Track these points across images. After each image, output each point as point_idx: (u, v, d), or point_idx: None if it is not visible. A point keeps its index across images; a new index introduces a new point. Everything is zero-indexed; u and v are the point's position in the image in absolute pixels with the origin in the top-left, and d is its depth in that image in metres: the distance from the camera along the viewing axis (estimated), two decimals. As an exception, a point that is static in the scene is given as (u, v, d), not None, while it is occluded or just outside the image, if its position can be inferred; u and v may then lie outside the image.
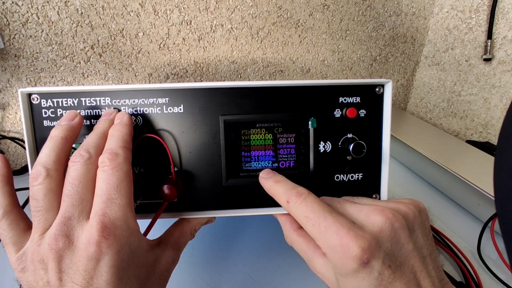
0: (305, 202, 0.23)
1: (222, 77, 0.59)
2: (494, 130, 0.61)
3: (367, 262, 0.20)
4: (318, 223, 0.22)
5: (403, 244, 0.21)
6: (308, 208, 0.23)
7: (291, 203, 0.24)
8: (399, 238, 0.21)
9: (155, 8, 0.49)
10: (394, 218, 0.22)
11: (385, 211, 0.22)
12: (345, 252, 0.20)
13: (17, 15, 0.43)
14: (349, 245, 0.20)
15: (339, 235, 0.21)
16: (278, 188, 0.25)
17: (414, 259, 0.21)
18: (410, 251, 0.21)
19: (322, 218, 0.22)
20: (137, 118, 0.28)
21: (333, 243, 0.21)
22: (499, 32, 0.57)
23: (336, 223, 0.21)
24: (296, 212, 0.24)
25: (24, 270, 0.21)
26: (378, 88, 0.29)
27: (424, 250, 0.22)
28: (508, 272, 0.37)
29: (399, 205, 0.24)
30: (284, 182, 0.26)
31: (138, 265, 0.22)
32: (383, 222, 0.21)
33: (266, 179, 0.27)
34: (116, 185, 0.21)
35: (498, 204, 0.19)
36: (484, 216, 0.42)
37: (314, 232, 0.22)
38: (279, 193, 0.25)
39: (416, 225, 0.23)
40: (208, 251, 0.38)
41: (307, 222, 0.23)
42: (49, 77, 0.48)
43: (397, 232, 0.21)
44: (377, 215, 0.22)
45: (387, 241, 0.21)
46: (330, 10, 0.60)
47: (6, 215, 0.22)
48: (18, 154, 0.53)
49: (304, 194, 0.24)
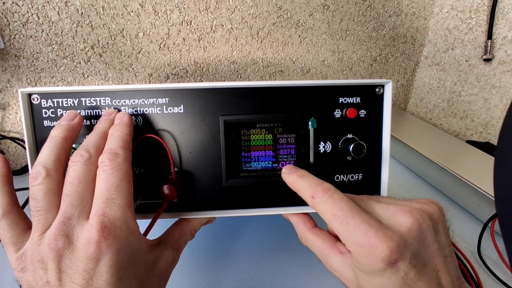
0: (331, 199, 0.23)
1: (222, 77, 0.59)
2: (494, 130, 0.61)
3: (394, 263, 0.20)
4: (346, 222, 0.22)
5: (429, 244, 0.22)
6: (336, 205, 0.22)
7: (317, 198, 0.23)
8: (425, 239, 0.22)
9: (155, 8, 0.49)
10: (422, 219, 0.22)
11: (413, 212, 0.22)
12: (373, 252, 0.20)
13: (17, 15, 0.43)
14: (378, 245, 0.20)
15: (367, 235, 0.21)
16: (302, 182, 0.25)
17: (438, 258, 0.22)
18: (434, 251, 0.22)
19: (351, 217, 0.22)
20: (137, 118, 0.28)
21: (361, 242, 0.21)
22: (499, 32, 0.57)
23: (364, 223, 0.21)
24: (322, 208, 0.23)
25: (23, 270, 0.21)
26: (378, 88, 0.29)
27: (446, 249, 0.22)
28: (508, 272, 0.37)
29: (423, 206, 0.23)
30: (309, 176, 0.25)
31: (138, 265, 0.22)
32: (412, 223, 0.21)
33: (289, 173, 0.26)
34: (116, 185, 0.21)
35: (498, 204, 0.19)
36: (484, 216, 0.42)
37: (341, 230, 0.22)
38: (303, 188, 0.25)
39: (440, 225, 0.23)
40: (208, 251, 0.38)
41: (334, 220, 0.22)
42: (49, 77, 0.48)
43: (424, 232, 0.21)
44: (405, 215, 0.22)
45: (414, 241, 0.21)
46: (330, 10, 0.60)
47: (6, 215, 0.22)
48: (18, 154, 0.53)
49: (330, 190, 0.23)
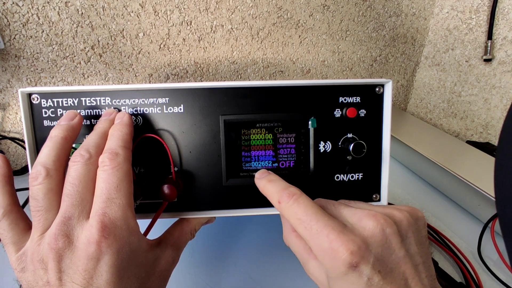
0: (297, 203, 0.23)
1: (222, 77, 0.59)
2: (494, 130, 0.61)
3: (356, 266, 0.20)
4: (310, 226, 0.22)
5: (394, 250, 0.21)
6: (300, 209, 0.22)
7: (283, 203, 0.23)
8: (390, 244, 0.21)
9: (155, 8, 0.49)
10: (386, 223, 0.22)
11: (377, 216, 0.22)
12: (334, 255, 0.20)
13: (17, 16, 0.43)
14: (339, 248, 0.20)
15: (329, 238, 0.21)
16: (270, 187, 0.25)
17: (406, 265, 0.21)
18: (401, 258, 0.21)
19: (314, 220, 0.22)
20: (137, 118, 0.28)
21: (323, 246, 0.21)
22: (499, 33, 0.57)
23: (327, 226, 0.21)
24: (287, 213, 0.23)
25: (24, 270, 0.21)
26: (378, 88, 0.29)
27: (417, 257, 0.22)
28: (508, 272, 0.37)
29: (394, 211, 0.23)
30: (277, 181, 0.25)
31: (138, 264, 0.22)
32: (374, 227, 0.21)
33: (260, 179, 0.26)
34: (116, 185, 0.21)
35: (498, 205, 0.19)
36: (485, 216, 0.42)
37: (305, 234, 0.22)
38: (271, 193, 0.25)
39: (410, 232, 0.22)
40: (208, 251, 0.38)
41: (299, 224, 0.22)
42: (49, 78, 0.48)
43: (388, 237, 0.21)
44: (369, 219, 0.22)
45: (377, 246, 0.21)
46: (330, 11, 0.60)
47: (6, 215, 0.22)
48: (18, 154, 0.53)
49: (296, 194, 0.23)
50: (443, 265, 0.36)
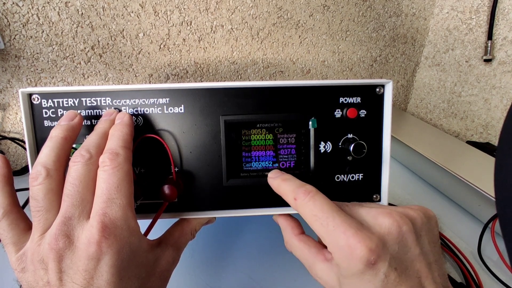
0: (313, 200, 0.23)
1: (223, 77, 0.59)
2: (494, 131, 0.61)
3: (373, 263, 0.20)
4: (327, 223, 0.22)
5: (410, 248, 0.21)
6: (317, 206, 0.23)
7: (299, 200, 0.23)
8: (406, 242, 0.21)
9: (155, 8, 0.49)
10: (402, 221, 0.22)
11: (393, 214, 0.22)
12: (352, 252, 0.20)
13: (17, 16, 0.43)
14: (356, 245, 0.20)
15: (346, 235, 0.21)
16: (285, 186, 0.25)
17: (420, 264, 0.21)
18: (416, 255, 0.21)
19: (331, 217, 0.22)
20: (138, 118, 0.28)
21: (340, 243, 0.21)
22: (499, 33, 0.57)
23: (344, 223, 0.21)
24: (304, 210, 0.23)
25: (24, 270, 0.21)
26: (378, 88, 0.29)
27: (430, 256, 0.22)
28: (508, 273, 0.37)
29: (407, 210, 0.24)
30: (292, 180, 0.26)
31: (139, 265, 0.22)
32: (391, 224, 0.21)
33: (274, 178, 0.27)
34: (116, 185, 0.21)
35: (498, 205, 0.19)
36: (485, 217, 0.42)
37: (322, 231, 0.22)
38: (286, 191, 0.25)
39: (423, 231, 0.23)
40: (208, 251, 0.38)
41: (315, 221, 0.22)
42: (50, 78, 0.48)
43: (404, 235, 0.21)
44: (385, 217, 0.22)
45: (394, 243, 0.21)
46: (330, 11, 0.60)
47: (6, 215, 0.22)
48: (18, 154, 0.53)
49: (312, 192, 0.23)
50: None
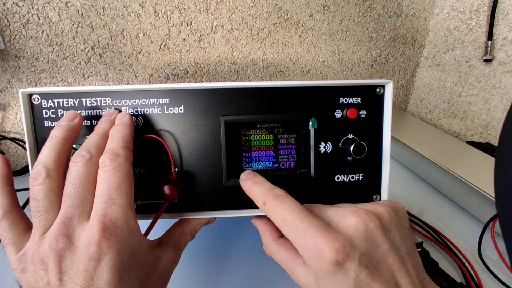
0: (281, 204, 0.23)
1: (223, 78, 0.59)
2: (494, 131, 0.61)
3: (342, 263, 0.20)
4: (295, 226, 0.22)
5: (379, 244, 0.21)
6: (285, 210, 0.23)
7: (268, 205, 0.23)
8: (375, 238, 0.21)
9: (155, 9, 0.49)
10: (368, 218, 0.22)
11: (359, 212, 0.22)
12: (320, 254, 0.20)
13: (17, 16, 0.43)
14: (324, 247, 0.20)
15: (314, 238, 0.21)
16: (256, 189, 0.25)
17: (392, 258, 0.21)
18: (386, 250, 0.21)
19: (299, 220, 0.22)
20: (138, 118, 0.28)
21: (309, 245, 0.21)
22: (500, 33, 0.57)
23: (312, 226, 0.21)
24: (273, 214, 0.23)
25: (24, 271, 0.21)
26: (378, 88, 0.29)
27: (402, 248, 0.22)
28: (508, 273, 0.37)
29: (375, 206, 0.24)
30: (262, 183, 0.25)
31: (139, 265, 0.22)
32: (357, 223, 0.21)
33: (246, 180, 0.26)
34: (116, 185, 0.21)
35: (498, 205, 0.19)
36: (485, 217, 0.42)
37: (291, 235, 0.22)
38: (256, 195, 0.25)
39: (392, 225, 0.23)
40: (208, 251, 0.38)
41: (284, 224, 0.22)
42: (50, 78, 0.48)
43: (371, 231, 0.21)
44: (351, 216, 0.22)
45: (362, 241, 0.21)
46: (330, 11, 0.60)
47: (6, 216, 0.22)
48: (18, 154, 0.53)
49: (281, 195, 0.23)
50: (443, 265, 0.36)
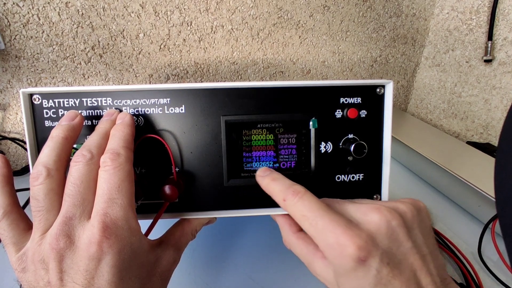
0: (301, 201, 0.23)
1: (223, 78, 0.59)
2: (494, 131, 0.62)
3: (364, 260, 0.20)
4: (316, 222, 0.22)
5: (402, 242, 0.21)
6: (305, 206, 0.23)
7: (288, 201, 0.23)
8: (397, 236, 0.21)
9: (155, 9, 0.49)
10: (391, 215, 0.22)
11: (382, 209, 0.22)
12: (342, 250, 0.20)
13: (18, 16, 0.43)
14: (346, 243, 0.20)
15: (335, 234, 0.21)
16: (275, 186, 0.25)
17: (414, 256, 0.21)
18: (409, 249, 0.21)
19: (319, 217, 0.22)
20: (139, 118, 0.28)
21: (330, 241, 0.21)
22: (500, 34, 0.57)
23: (332, 222, 0.21)
24: (293, 210, 0.23)
25: (24, 270, 0.21)
26: (379, 88, 0.29)
27: (424, 248, 0.22)
28: (508, 273, 0.37)
29: (397, 204, 0.23)
30: (281, 180, 0.25)
31: (139, 265, 0.22)
32: (379, 220, 0.21)
33: (263, 177, 0.26)
34: (117, 185, 0.21)
35: (498, 205, 0.19)
36: (485, 217, 0.42)
37: (311, 231, 0.22)
38: (276, 191, 0.25)
39: (415, 224, 0.23)
40: (208, 251, 0.38)
41: (304, 221, 0.22)
42: (50, 78, 0.48)
43: (394, 229, 0.21)
44: (374, 213, 0.22)
45: (384, 238, 0.21)
46: (330, 11, 0.60)
47: (7, 215, 0.22)
48: (18, 154, 0.53)
49: (301, 192, 0.23)
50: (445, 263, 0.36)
